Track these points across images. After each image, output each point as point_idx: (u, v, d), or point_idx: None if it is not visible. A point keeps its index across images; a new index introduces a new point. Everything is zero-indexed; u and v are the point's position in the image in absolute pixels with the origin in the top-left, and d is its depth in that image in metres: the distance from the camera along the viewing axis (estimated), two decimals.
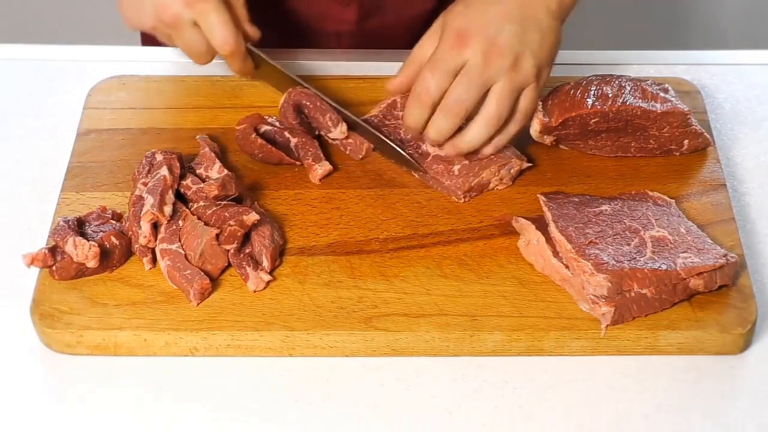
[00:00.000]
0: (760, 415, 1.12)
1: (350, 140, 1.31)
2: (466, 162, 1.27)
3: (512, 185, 1.29)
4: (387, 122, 1.33)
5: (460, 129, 1.25)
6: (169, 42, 1.33)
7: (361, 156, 1.31)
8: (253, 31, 1.34)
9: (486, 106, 1.24)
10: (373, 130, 1.30)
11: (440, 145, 1.27)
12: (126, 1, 1.32)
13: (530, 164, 1.29)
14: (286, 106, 1.32)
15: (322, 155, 1.29)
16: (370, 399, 1.12)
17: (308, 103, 1.32)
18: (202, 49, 1.31)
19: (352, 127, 1.32)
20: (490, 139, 1.26)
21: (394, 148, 1.29)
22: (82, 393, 1.13)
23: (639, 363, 1.15)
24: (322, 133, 1.32)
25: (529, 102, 1.26)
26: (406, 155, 1.28)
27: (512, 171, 1.28)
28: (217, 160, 1.26)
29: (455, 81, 1.23)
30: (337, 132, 1.30)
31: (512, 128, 1.27)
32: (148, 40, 1.63)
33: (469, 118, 1.25)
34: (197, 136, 1.30)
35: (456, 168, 1.27)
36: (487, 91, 1.23)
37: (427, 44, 1.28)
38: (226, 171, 1.25)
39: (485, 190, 1.28)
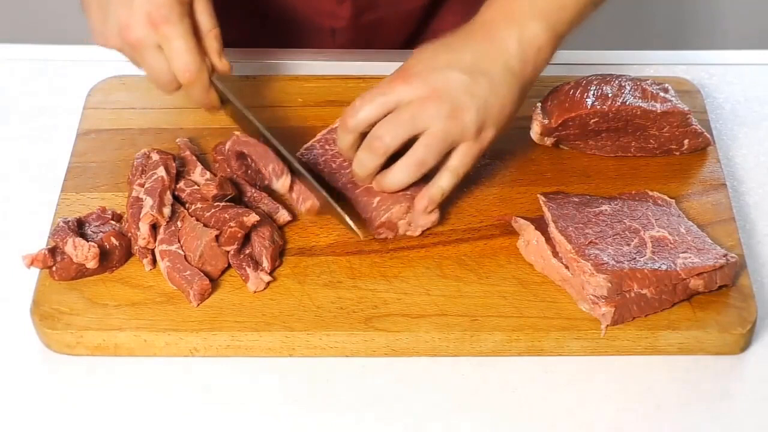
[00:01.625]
0: (760, 415, 1.12)
1: (293, 194, 1.22)
2: (386, 196, 1.22)
3: (512, 186, 1.29)
4: (328, 147, 1.28)
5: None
6: (135, 65, 1.26)
7: (304, 210, 1.22)
8: (223, 65, 1.26)
9: (413, 149, 1.19)
10: (319, 188, 1.22)
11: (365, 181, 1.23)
12: (94, 16, 1.24)
13: (437, 216, 1.23)
14: (229, 154, 1.26)
15: (278, 205, 1.24)
16: (370, 399, 1.12)
17: (251, 152, 1.24)
18: (166, 77, 1.22)
19: (297, 174, 1.23)
20: (420, 186, 1.21)
21: (339, 213, 1.21)
22: (82, 393, 1.13)
23: (639, 363, 1.15)
24: (266, 183, 1.24)
25: (461, 159, 1.19)
26: (350, 222, 1.20)
27: (419, 223, 1.22)
28: (199, 163, 1.26)
29: (385, 118, 1.19)
30: (279, 185, 1.22)
31: (444, 182, 1.21)
32: None
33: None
34: (177, 139, 1.30)
35: (375, 200, 1.23)
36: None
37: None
38: (208, 173, 1.25)
39: (396, 233, 1.22)
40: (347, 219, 1.20)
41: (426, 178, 1.21)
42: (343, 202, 1.22)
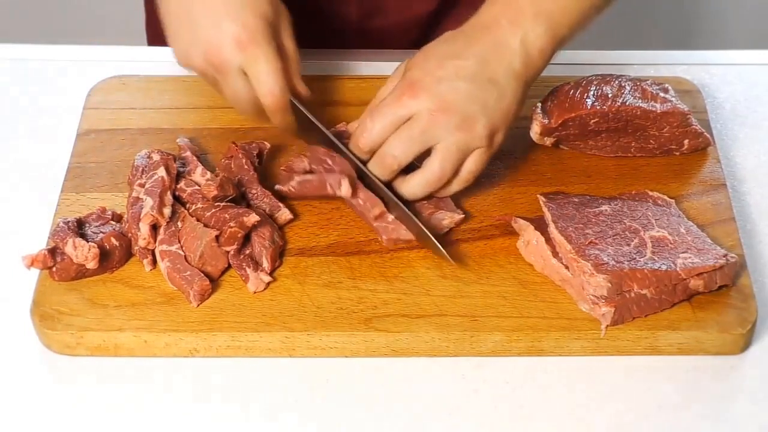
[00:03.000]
0: (760, 415, 1.12)
1: (360, 200, 1.22)
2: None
3: (512, 186, 1.29)
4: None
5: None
6: (215, 88, 1.27)
7: (374, 216, 1.22)
8: (303, 89, 1.28)
9: (429, 164, 1.20)
10: (412, 216, 1.21)
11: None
12: (177, 36, 1.24)
13: (463, 216, 1.24)
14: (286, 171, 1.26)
15: (279, 204, 1.24)
16: (370, 399, 1.12)
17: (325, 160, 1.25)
18: (246, 99, 1.23)
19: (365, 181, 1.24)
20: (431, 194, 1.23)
21: (434, 243, 1.19)
22: (82, 393, 1.13)
23: (639, 363, 1.15)
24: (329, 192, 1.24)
25: (476, 165, 1.21)
26: (442, 250, 1.19)
27: (443, 223, 1.23)
28: (200, 164, 1.26)
29: (395, 133, 1.19)
30: (343, 191, 1.22)
31: (455, 187, 1.22)
32: (155, 40, 1.63)
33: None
34: (177, 139, 1.30)
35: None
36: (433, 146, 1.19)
37: (389, 87, 1.24)
38: (208, 174, 1.25)
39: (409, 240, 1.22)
40: (440, 247, 1.19)
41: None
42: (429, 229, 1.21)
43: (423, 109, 1.18)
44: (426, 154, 1.21)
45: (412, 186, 1.22)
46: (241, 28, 1.20)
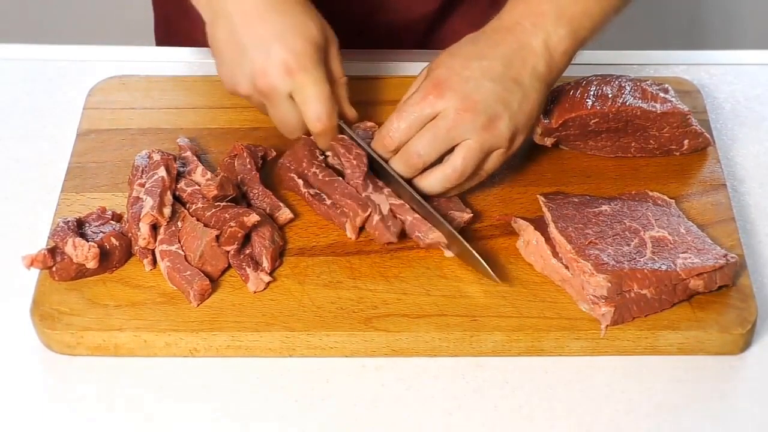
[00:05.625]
0: (760, 415, 1.12)
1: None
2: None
3: (512, 186, 1.29)
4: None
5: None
6: (261, 110, 1.26)
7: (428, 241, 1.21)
8: (351, 113, 1.28)
9: (451, 160, 1.20)
10: (453, 231, 1.20)
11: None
12: (225, 61, 1.23)
13: (471, 215, 1.24)
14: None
15: (280, 204, 1.24)
16: (370, 399, 1.12)
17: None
18: (294, 123, 1.23)
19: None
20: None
21: (477, 258, 1.18)
22: (82, 393, 1.13)
23: (639, 363, 1.15)
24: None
25: (493, 165, 1.22)
26: (486, 267, 1.17)
27: (452, 223, 1.23)
28: (200, 163, 1.26)
29: (420, 132, 1.20)
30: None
31: (468, 184, 1.24)
32: (163, 40, 1.63)
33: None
34: (177, 139, 1.30)
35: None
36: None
37: (414, 89, 1.24)
38: (209, 173, 1.25)
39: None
40: (483, 263, 1.18)
41: None
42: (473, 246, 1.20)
43: (449, 108, 1.19)
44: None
45: (431, 181, 1.22)
46: (289, 53, 1.20)
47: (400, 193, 1.23)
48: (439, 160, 1.22)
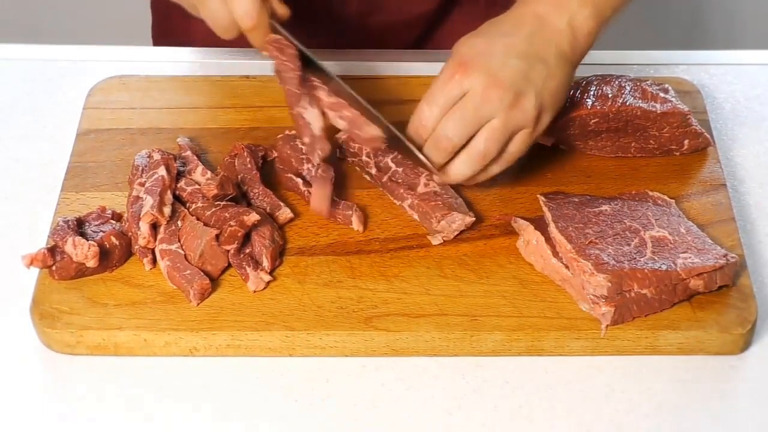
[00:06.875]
0: (760, 415, 1.12)
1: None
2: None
3: (512, 186, 1.29)
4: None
5: None
6: (194, 12, 1.25)
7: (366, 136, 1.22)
8: (282, 10, 1.25)
9: (474, 142, 1.19)
10: (391, 127, 1.22)
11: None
12: None
13: (474, 218, 1.23)
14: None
15: (280, 203, 1.24)
16: (370, 399, 1.12)
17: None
18: (225, 23, 1.21)
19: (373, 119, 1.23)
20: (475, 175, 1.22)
21: (410, 148, 1.21)
22: (82, 393, 1.13)
23: (639, 363, 1.15)
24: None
25: (518, 147, 1.21)
26: (420, 156, 1.20)
27: (453, 226, 1.23)
28: (200, 163, 1.26)
29: (448, 114, 1.18)
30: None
31: (494, 169, 1.22)
32: (160, 40, 1.63)
33: None
34: (177, 139, 1.30)
35: (406, 203, 1.25)
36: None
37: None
38: (209, 173, 1.25)
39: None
40: (424, 159, 1.18)
41: None
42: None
43: (476, 85, 1.17)
44: None
45: (458, 167, 1.21)
46: None
47: (338, 90, 1.21)
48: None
